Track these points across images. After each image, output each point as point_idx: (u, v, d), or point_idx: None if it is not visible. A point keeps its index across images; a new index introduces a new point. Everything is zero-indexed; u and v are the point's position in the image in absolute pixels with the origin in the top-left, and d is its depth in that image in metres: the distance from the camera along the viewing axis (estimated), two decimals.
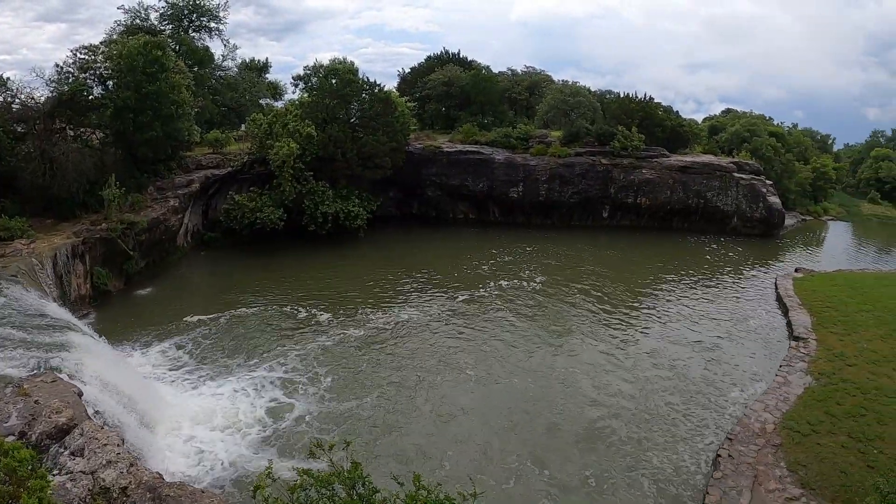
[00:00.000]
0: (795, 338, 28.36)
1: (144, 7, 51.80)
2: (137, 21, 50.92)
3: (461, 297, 35.10)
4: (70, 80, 35.58)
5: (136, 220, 34.72)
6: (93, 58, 37.03)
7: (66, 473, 11.58)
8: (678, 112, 66.37)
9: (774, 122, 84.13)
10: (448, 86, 63.63)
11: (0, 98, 33.99)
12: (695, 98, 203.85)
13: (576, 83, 68.60)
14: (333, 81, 48.42)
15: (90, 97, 36.74)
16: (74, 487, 11.17)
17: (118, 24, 50.53)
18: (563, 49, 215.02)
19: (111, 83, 37.38)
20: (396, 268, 40.95)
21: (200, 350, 26.66)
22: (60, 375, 15.82)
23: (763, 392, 23.16)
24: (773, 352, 27.92)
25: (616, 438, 20.57)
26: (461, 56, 71.28)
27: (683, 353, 27.94)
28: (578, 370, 25.94)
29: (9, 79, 34.29)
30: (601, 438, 20.58)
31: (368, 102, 48.88)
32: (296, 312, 31.66)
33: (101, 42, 39.49)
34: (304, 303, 32.97)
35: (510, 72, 79.35)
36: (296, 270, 39.42)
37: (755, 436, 19.55)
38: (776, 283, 38.00)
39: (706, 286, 39.45)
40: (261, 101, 60.82)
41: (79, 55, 36.77)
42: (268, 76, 67.13)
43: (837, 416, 20.45)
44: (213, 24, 55.07)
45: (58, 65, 36.03)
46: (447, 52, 71.67)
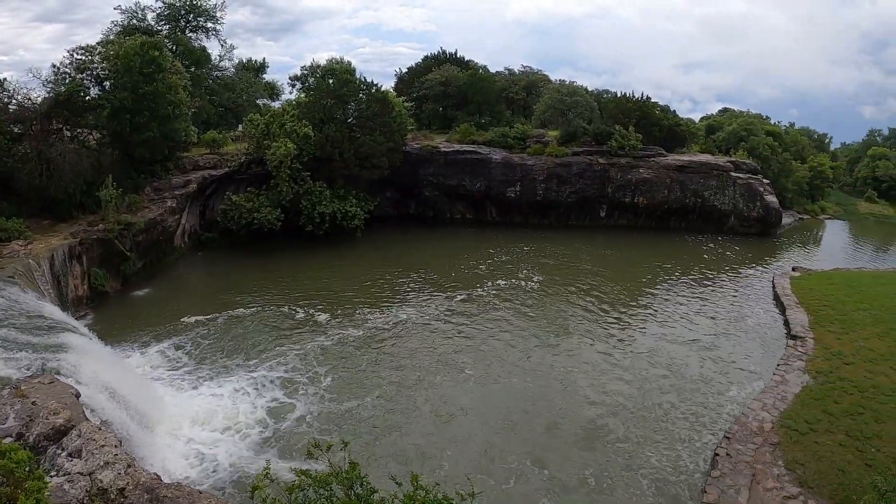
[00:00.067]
0: (793, 336, 28.43)
1: (141, 7, 51.73)
2: (134, 21, 50.77)
3: (459, 297, 35.11)
4: (67, 81, 35.53)
5: (134, 221, 34.67)
6: (89, 58, 36.98)
7: (64, 475, 11.56)
8: (675, 111, 66.41)
9: (771, 121, 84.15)
10: (445, 86, 63.60)
11: None
12: (691, 97, 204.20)
13: (573, 83, 68.61)
14: (330, 81, 48.37)
15: (87, 98, 36.67)
16: (72, 489, 11.15)
17: (115, 25, 50.42)
18: (560, 48, 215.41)
19: (108, 84, 37.36)
20: (394, 268, 40.94)
21: (199, 350, 26.64)
22: (58, 377, 15.79)
23: (761, 391, 23.22)
24: (771, 351, 27.98)
25: (615, 438, 20.62)
26: (458, 56, 71.31)
27: (681, 352, 28.00)
28: (577, 370, 25.99)
29: (5, 79, 34.20)
30: (600, 438, 20.62)
31: (365, 102, 48.82)
32: (294, 312, 31.64)
33: (98, 42, 39.39)
34: (302, 303, 32.96)
35: (507, 71, 79.22)
36: (293, 271, 39.39)
37: (753, 434, 19.60)
38: (773, 282, 38.10)
39: (704, 285, 39.50)
40: (258, 102, 60.70)
41: (75, 56, 36.76)
42: (265, 76, 66.98)
43: (835, 415, 20.51)
44: (210, 25, 54.86)
45: (54, 65, 36.11)
46: (444, 52, 71.72)
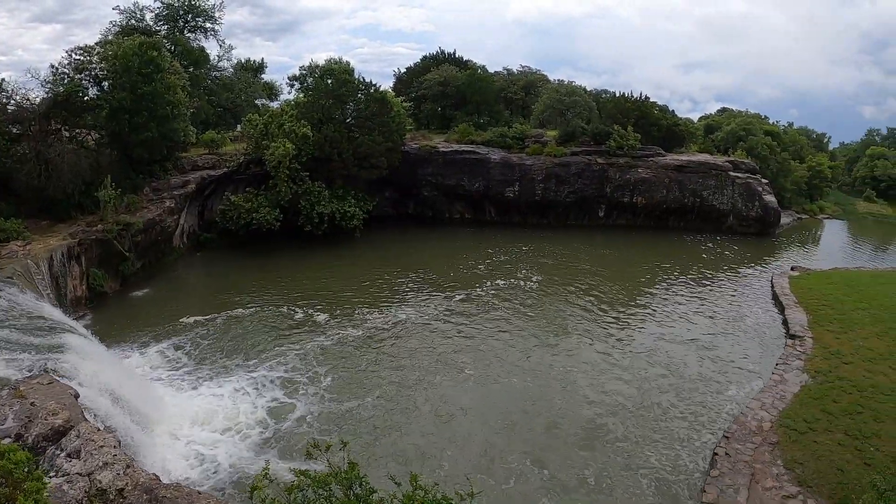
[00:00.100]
0: (792, 336, 28.43)
1: (140, 7, 51.60)
2: (133, 22, 50.65)
3: (458, 297, 35.11)
4: (65, 81, 35.50)
5: (132, 222, 34.65)
6: (88, 59, 36.92)
7: (63, 475, 11.56)
8: (674, 111, 66.37)
9: (770, 121, 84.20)
10: (444, 86, 63.60)
11: None
12: (690, 97, 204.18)
13: (571, 82, 68.46)
14: (329, 82, 48.33)
15: (85, 98, 36.62)
16: (71, 489, 11.15)
17: (113, 25, 50.30)
18: (559, 48, 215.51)
19: (106, 84, 37.30)
20: (393, 268, 40.94)
21: (199, 351, 26.62)
22: (57, 377, 15.78)
23: (760, 390, 23.24)
24: (770, 350, 27.98)
25: (614, 437, 20.63)
26: (457, 56, 71.28)
27: (680, 352, 28.01)
28: (576, 369, 25.99)
29: (4, 80, 34.17)
30: (600, 437, 20.63)
31: (364, 102, 48.81)
32: (293, 313, 31.63)
33: (97, 43, 39.27)
34: (301, 303, 32.94)
35: (506, 71, 79.15)
36: (292, 271, 39.38)
37: (752, 434, 19.61)
38: (772, 282, 38.10)
39: (702, 285, 39.51)
40: (256, 102, 60.63)
41: (74, 56, 36.69)
42: (263, 76, 66.84)
43: (834, 414, 20.51)
44: (209, 25, 54.72)
45: (53, 66, 36.06)
46: (443, 52, 71.73)
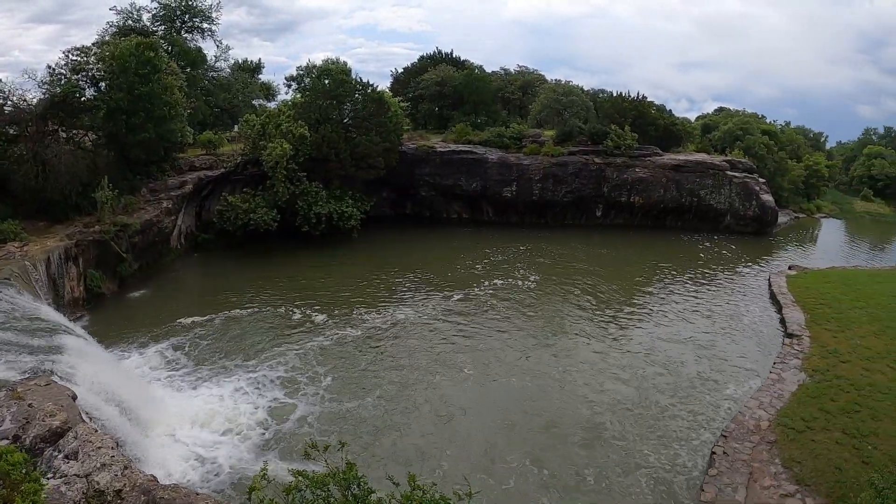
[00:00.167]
0: (789, 335, 28.45)
1: (136, 8, 51.57)
2: (129, 22, 50.64)
3: (456, 297, 35.11)
4: (62, 82, 35.38)
5: (130, 222, 34.59)
6: (85, 59, 36.80)
7: (61, 477, 11.55)
8: (671, 111, 66.89)
9: (767, 121, 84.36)
10: (441, 85, 63.60)
11: None
12: (687, 97, 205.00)
13: (569, 82, 68.56)
14: (326, 82, 48.32)
15: (82, 99, 36.45)
16: (69, 491, 11.13)
17: (110, 26, 50.31)
18: (556, 48, 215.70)
19: (103, 85, 37.19)
20: (391, 268, 40.92)
21: (198, 351, 26.58)
22: (54, 378, 15.75)
23: (757, 389, 23.23)
24: (768, 349, 28.03)
25: (613, 436, 20.64)
26: (454, 56, 71.31)
27: (678, 351, 28.05)
28: (574, 369, 26.01)
29: (0, 81, 34.07)
30: (598, 437, 20.65)
31: (361, 103, 48.76)
32: (291, 313, 31.60)
33: (94, 43, 39.21)
34: (300, 303, 32.91)
35: (503, 71, 79.31)
36: (290, 271, 39.34)
37: (750, 433, 19.61)
38: (770, 281, 38.14)
39: (700, 284, 39.58)
40: (254, 102, 60.60)
41: (71, 57, 36.56)
42: (261, 77, 66.92)
43: (832, 413, 20.54)
44: (206, 25, 54.81)
45: (50, 66, 35.88)
46: (440, 52, 71.71)
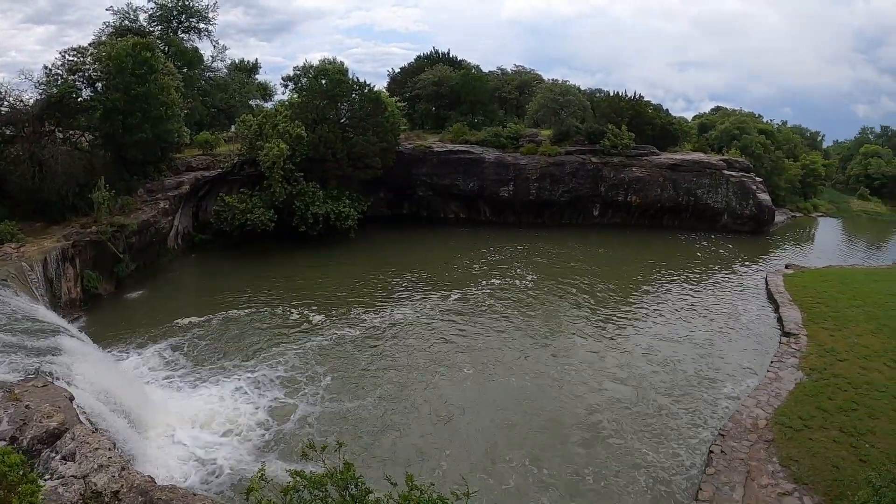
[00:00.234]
0: (786, 334, 28.49)
1: (133, 8, 51.52)
2: (126, 22, 50.57)
3: (454, 297, 35.11)
4: (59, 83, 35.28)
5: (126, 223, 34.52)
6: (81, 60, 36.75)
7: (58, 478, 11.53)
8: (668, 110, 66.66)
9: (764, 120, 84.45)
10: (438, 85, 63.62)
11: None
12: (684, 96, 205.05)
13: (565, 82, 68.50)
14: (323, 82, 48.32)
15: (79, 99, 36.41)
16: (66, 492, 11.11)
17: (107, 26, 50.25)
18: (553, 48, 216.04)
19: (100, 85, 37.11)
20: (388, 268, 40.91)
21: (197, 351, 26.54)
22: (51, 380, 15.71)
23: (755, 388, 23.26)
24: (765, 348, 28.07)
25: (611, 435, 20.66)
26: (451, 56, 71.33)
27: (675, 350, 28.08)
28: (573, 368, 26.03)
29: None
30: (597, 436, 20.67)
31: (358, 103, 48.75)
32: (289, 313, 31.58)
33: (90, 44, 39.23)
34: (297, 304, 32.88)
35: (500, 71, 79.25)
36: (287, 272, 39.30)
37: (747, 431, 19.65)
38: (767, 280, 38.19)
39: (697, 283, 39.64)
40: (250, 102, 60.58)
41: (67, 57, 36.49)
42: (257, 77, 66.93)
43: (829, 411, 20.58)
44: (203, 25, 54.76)
45: (46, 67, 35.82)
46: (437, 52, 71.70)
